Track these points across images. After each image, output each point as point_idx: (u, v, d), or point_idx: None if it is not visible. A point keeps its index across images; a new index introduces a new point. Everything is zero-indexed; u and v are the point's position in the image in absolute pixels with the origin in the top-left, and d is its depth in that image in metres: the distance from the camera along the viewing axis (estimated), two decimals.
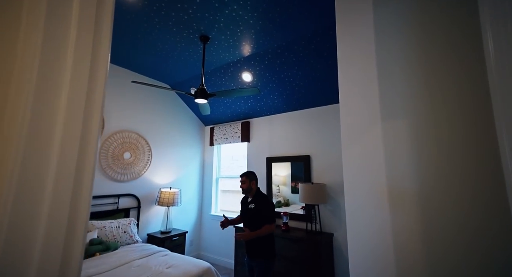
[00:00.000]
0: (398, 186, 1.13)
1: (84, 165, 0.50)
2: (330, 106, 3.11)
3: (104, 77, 0.56)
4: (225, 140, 4.06)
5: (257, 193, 2.25)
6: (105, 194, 2.99)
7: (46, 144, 0.44)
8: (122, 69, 3.32)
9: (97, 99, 0.54)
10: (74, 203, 0.47)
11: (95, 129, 0.54)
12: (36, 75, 0.43)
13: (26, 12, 0.45)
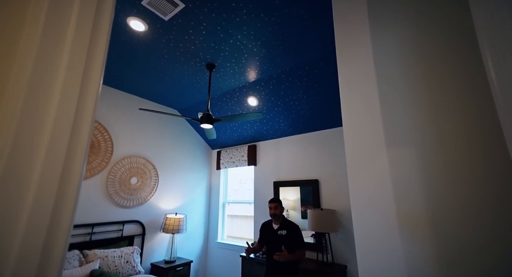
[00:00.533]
0: (410, 214, 1.04)
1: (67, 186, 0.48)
2: (337, 128, 3.06)
3: (95, 96, 0.57)
4: (231, 163, 4.02)
5: (284, 219, 2.29)
6: (110, 221, 2.95)
7: (31, 152, 0.44)
8: (132, 96, 3.45)
9: (86, 117, 0.54)
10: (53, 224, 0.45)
11: (84, 140, 0.52)
12: (27, 89, 0.44)
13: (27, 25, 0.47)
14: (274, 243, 2.20)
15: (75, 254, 2.46)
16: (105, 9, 0.62)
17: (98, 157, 2.96)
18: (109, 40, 0.63)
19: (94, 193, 2.88)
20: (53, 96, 0.48)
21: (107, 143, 3.07)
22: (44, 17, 0.48)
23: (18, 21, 0.49)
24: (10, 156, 0.41)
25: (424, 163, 1.02)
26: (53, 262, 0.45)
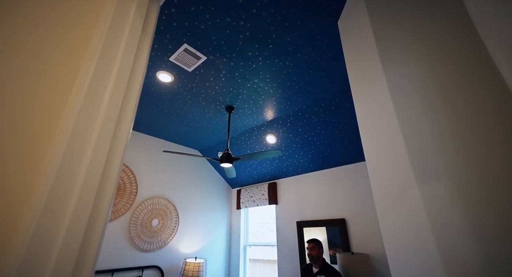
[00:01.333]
0: (458, 260, 0.91)
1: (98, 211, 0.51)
2: (361, 163, 2.95)
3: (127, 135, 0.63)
4: (252, 202, 3.92)
5: (324, 263, 2.21)
6: (129, 267, 2.87)
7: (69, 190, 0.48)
8: (156, 139, 3.67)
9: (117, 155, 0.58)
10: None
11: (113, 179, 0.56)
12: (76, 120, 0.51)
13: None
14: None
15: None
16: (138, 68, 0.71)
17: (123, 199, 3.04)
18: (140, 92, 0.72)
19: (116, 237, 2.88)
20: (90, 143, 0.53)
21: (132, 185, 3.18)
22: (90, 78, 0.57)
23: (73, 73, 0.59)
24: (49, 197, 0.45)
25: (467, 200, 0.93)
26: None
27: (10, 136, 0.46)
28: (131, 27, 0.69)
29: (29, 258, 0.41)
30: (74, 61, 0.59)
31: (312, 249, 2.23)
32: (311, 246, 2.24)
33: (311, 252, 2.21)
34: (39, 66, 0.54)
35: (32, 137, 0.49)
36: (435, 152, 1.05)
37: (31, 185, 0.46)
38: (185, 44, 1.94)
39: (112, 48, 0.63)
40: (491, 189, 0.89)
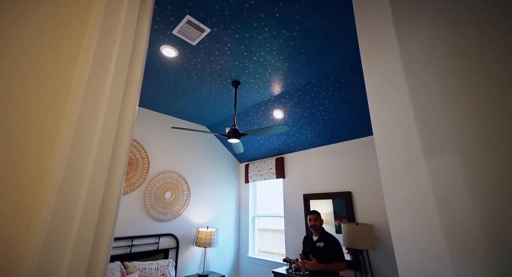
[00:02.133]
0: (459, 229, 0.94)
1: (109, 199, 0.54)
2: (368, 137, 2.93)
3: (134, 110, 0.64)
4: (260, 176, 4.03)
5: (323, 231, 2.36)
6: (147, 234, 3.11)
7: (81, 169, 0.51)
8: (165, 115, 3.70)
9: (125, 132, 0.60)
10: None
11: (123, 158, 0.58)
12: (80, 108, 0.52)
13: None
14: (313, 255, 2.25)
15: (117, 265, 2.62)
16: (140, 42, 0.70)
17: (137, 173, 3.19)
18: (144, 67, 0.72)
19: (133, 208, 3.08)
20: (98, 122, 0.55)
21: (144, 160, 3.30)
22: (93, 53, 0.57)
23: (73, 58, 0.58)
24: (65, 175, 0.48)
25: (471, 170, 0.92)
26: (99, 266, 0.50)
27: (15, 125, 0.48)
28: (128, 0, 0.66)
29: (49, 240, 0.45)
30: (74, 42, 0.59)
31: (316, 220, 2.35)
32: (314, 217, 2.36)
33: (314, 223, 2.34)
34: (38, 47, 0.54)
35: (37, 122, 0.50)
36: (446, 125, 1.03)
37: (46, 167, 0.49)
38: (187, 15, 1.85)
39: (111, 24, 0.62)
40: (500, 164, 0.88)
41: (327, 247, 2.20)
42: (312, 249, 2.30)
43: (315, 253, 2.24)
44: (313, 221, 2.35)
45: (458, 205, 0.93)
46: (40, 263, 0.43)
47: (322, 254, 2.18)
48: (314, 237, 2.36)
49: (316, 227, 2.34)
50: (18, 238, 0.44)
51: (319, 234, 2.33)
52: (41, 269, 0.42)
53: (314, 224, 2.34)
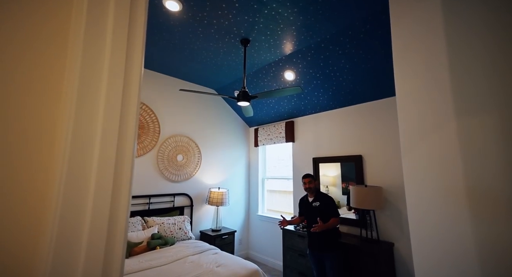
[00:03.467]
0: (486, 192, 0.91)
1: (122, 165, 0.53)
2: (383, 100, 2.79)
3: (138, 84, 0.59)
4: (269, 140, 4.04)
5: (318, 192, 2.48)
6: (162, 193, 3.30)
7: (88, 146, 0.48)
8: (173, 78, 3.60)
9: (132, 101, 0.57)
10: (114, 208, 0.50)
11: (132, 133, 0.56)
12: (77, 85, 0.47)
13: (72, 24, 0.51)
14: (311, 215, 2.41)
15: (138, 220, 2.84)
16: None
17: (148, 136, 3.25)
18: (148, 24, 0.63)
19: (148, 169, 3.22)
20: (102, 89, 0.51)
21: (155, 123, 3.32)
22: (86, 10, 0.50)
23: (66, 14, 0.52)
24: (74, 139, 0.46)
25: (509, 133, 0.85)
26: (120, 220, 0.51)
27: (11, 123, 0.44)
28: None
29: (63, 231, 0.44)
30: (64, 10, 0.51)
31: (310, 183, 2.45)
32: (309, 181, 2.46)
33: (309, 186, 2.44)
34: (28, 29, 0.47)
35: (38, 102, 0.46)
36: (483, 83, 0.93)
37: (52, 143, 0.47)
38: None
39: None
40: None
41: (323, 205, 2.35)
42: (308, 210, 2.44)
43: (312, 213, 2.38)
44: (308, 184, 2.45)
45: (488, 167, 0.88)
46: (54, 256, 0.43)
47: (318, 212, 2.33)
48: (310, 198, 2.49)
49: (310, 189, 2.45)
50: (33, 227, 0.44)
51: (314, 195, 2.45)
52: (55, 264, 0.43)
53: (309, 186, 2.44)
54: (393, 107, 2.66)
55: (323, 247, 2.27)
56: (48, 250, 0.42)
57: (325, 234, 2.26)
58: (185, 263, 2.23)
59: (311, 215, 2.40)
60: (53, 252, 0.42)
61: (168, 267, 2.13)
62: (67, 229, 0.43)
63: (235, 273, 2.01)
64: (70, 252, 0.43)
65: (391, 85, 2.54)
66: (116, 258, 0.49)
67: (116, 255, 0.49)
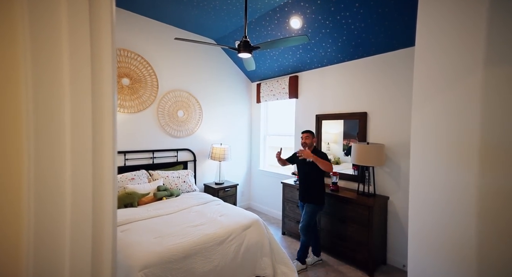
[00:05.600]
0: (503, 144, 0.85)
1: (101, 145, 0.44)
2: (395, 52, 2.55)
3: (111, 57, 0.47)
4: (272, 96, 3.90)
5: (314, 149, 2.52)
6: (165, 148, 3.35)
7: (57, 136, 0.40)
8: (167, 26, 3.29)
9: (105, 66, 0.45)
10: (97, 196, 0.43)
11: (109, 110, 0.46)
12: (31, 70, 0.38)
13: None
14: (303, 168, 2.51)
15: (143, 173, 2.95)
16: None
17: (147, 90, 3.13)
18: None
19: (149, 124, 3.19)
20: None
21: (152, 77, 3.16)
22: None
23: None
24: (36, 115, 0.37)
25: None
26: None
27: None
28: None
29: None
30: None
31: (307, 138, 2.49)
32: (306, 136, 2.50)
33: (306, 141, 2.48)
34: None
35: None
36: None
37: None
38: None
39: None
40: None
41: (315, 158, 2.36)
42: (302, 164, 2.52)
43: (304, 167, 2.49)
44: (305, 139, 2.49)
45: (509, 120, 0.81)
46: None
47: (310, 167, 2.42)
48: None
49: (306, 145, 2.48)
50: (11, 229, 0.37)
51: (311, 151, 2.45)
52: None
53: (305, 141, 2.48)
54: (406, 59, 2.46)
55: (306, 197, 2.47)
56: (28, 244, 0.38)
57: (311, 188, 2.44)
58: (190, 212, 2.38)
59: (302, 168, 2.51)
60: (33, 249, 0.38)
61: (175, 216, 2.28)
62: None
63: (237, 222, 2.15)
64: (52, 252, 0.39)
65: (406, 34, 2.29)
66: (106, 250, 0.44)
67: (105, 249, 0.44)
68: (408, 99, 2.45)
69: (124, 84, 2.94)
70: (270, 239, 2.26)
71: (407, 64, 2.45)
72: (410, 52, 2.43)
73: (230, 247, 1.96)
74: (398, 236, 2.56)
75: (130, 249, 1.66)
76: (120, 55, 2.88)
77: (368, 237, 2.39)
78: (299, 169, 2.60)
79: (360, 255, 2.45)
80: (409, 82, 2.44)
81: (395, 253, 2.58)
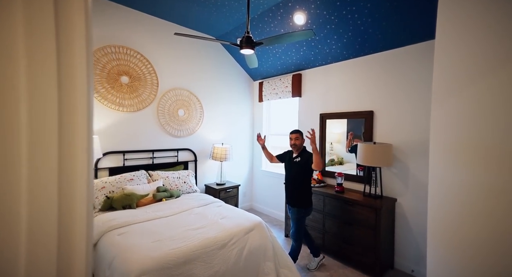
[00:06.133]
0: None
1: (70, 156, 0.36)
2: (405, 48, 2.46)
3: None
4: (274, 95, 3.82)
5: (303, 149, 2.43)
6: (166, 148, 3.27)
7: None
8: (166, 23, 3.21)
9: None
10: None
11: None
12: None
13: None
14: (291, 170, 2.43)
15: (143, 173, 2.87)
16: None
17: (146, 89, 3.05)
18: None
19: (149, 123, 3.12)
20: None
21: (152, 75, 3.09)
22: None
23: None
24: None
25: None
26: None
27: None
28: None
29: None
30: None
31: (296, 139, 2.38)
32: (295, 137, 2.38)
33: (295, 142, 2.37)
34: None
35: None
36: None
37: None
38: None
39: None
40: None
41: (304, 159, 2.33)
42: (290, 165, 2.44)
43: (292, 168, 2.40)
44: (294, 140, 2.38)
45: None
46: None
47: (298, 168, 2.34)
48: (294, 154, 2.46)
49: (296, 146, 2.38)
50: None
51: (299, 153, 2.40)
52: None
53: (295, 143, 2.38)
54: (416, 55, 2.36)
55: (293, 201, 2.37)
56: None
57: (299, 191, 2.34)
58: (190, 214, 2.30)
59: (291, 170, 2.42)
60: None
61: (174, 218, 2.20)
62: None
63: (239, 225, 2.07)
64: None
65: (417, 28, 2.20)
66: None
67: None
68: (419, 96, 2.35)
69: (123, 82, 2.86)
70: (274, 242, 2.18)
71: (418, 59, 2.35)
72: (420, 47, 2.33)
73: (231, 251, 1.87)
74: (407, 240, 2.46)
75: (127, 253, 1.58)
76: (119, 53, 2.81)
77: (375, 240, 2.30)
78: (286, 170, 2.49)
79: (367, 259, 2.36)
80: (420, 79, 2.35)
81: (404, 257, 2.48)
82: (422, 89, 2.32)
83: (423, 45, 2.32)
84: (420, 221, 2.35)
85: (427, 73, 2.27)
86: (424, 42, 2.31)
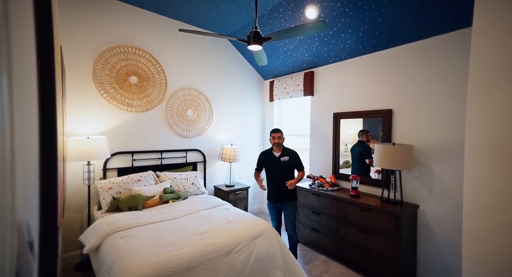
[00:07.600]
0: None
1: None
2: (427, 40, 2.24)
3: None
4: (285, 94, 3.68)
5: (284, 147, 2.58)
6: (174, 149, 3.22)
7: None
8: (175, 21, 3.17)
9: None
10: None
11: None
12: None
13: None
14: (277, 169, 2.52)
15: (151, 174, 2.83)
16: None
17: (155, 89, 3.02)
18: None
19: (158, 124, 3.08)
20: None
21: (160, 75, 3.06)
22: None
23: None
24: None
25: None
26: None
27: None
28: None
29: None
30: None
31: (279, 138, 2.51)
32: (278, 136, 2.51)
33: (279, 141, 2.50)
34: None
35: None
36: None
37: None
38: None
39: None
40: None
41: (292, 159, 2.51)
42: (275, 164, 2.52)
43: (279, 167, 2.50)
44: (277, 139, 2.50)
45: None
46: None
47: (287, 166, 2.49)
48: (276, 153, 2.56)
49: (279, 144, 2.52)
50: None
51: (281, 150, 2.54)
52: None
53: (278, 141, 2.50)
54: (440, 48, 2.15)
55: (286, 197, 2.50)
56: None
57: (286, 187, 2.43)
58: (196, 217, 2.22)
59: (278, 169, 2.51)
60: None
61: (179, 221, 2.12)
62: None
63: (246, 230, 1.95)
64: None
65: (445, 17, 1.99)
66: None
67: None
68: (446, 93, 2.13)
69: (132, 82, 2.84)
70: (283, 249, 2.04)
71: (443, 52, 2.14)
72: (446, 38, 2.12)
73: (237, 259, 1.76)
74: (430, 250, 2.24)
75: (126, 260, 1.51)
76: (128, 53, 2.79)
77: (395, 250, 2.10)
78: (272, 169, 2.56)
79: (386, 270, 2.16)
80: (447, 73, 2.13)
81: (427, 269, 2.26)
82: (450, 84, 2.10)
83: (447, 37, 2.10)
84: (446, 230, 2.13)
85: (456, 66, 2.05)
86: (450, 32, 2.09)
